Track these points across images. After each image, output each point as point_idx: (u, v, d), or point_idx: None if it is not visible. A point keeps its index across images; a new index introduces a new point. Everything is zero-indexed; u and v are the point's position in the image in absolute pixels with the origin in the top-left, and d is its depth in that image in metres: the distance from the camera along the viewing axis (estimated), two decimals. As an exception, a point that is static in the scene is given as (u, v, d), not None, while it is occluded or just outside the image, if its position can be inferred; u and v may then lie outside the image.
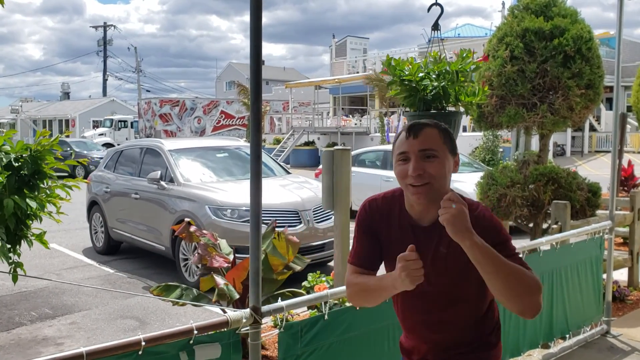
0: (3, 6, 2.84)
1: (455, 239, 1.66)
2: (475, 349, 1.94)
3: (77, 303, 6.52)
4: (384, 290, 1.83)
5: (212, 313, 5.71)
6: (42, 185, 3.00)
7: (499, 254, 1.68)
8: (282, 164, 9.70)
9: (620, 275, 6.19)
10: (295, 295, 4.08)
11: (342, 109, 35.44)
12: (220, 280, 4.14)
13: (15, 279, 3.01)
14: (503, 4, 33.44)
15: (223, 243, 4.71)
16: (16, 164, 2.87)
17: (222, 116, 35.83)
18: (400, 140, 1.87)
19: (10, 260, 3.03)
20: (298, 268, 4.50)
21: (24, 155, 2.90)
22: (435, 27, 3.19)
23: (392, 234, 1.90)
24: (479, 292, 1.87)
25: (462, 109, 3.00)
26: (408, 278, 1.67)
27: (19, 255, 3.10)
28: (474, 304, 1.92)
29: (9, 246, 2.94)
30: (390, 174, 11.89)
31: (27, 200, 2.85)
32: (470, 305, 1.91)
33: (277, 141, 30.41)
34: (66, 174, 12.94)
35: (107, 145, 33.15)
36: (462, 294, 1.88)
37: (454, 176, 7.24)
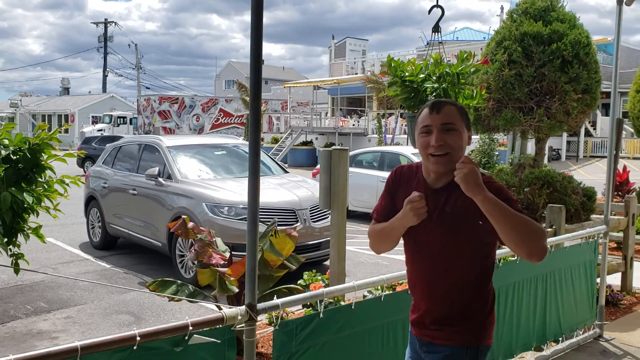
0: (5, 17, 2.86)
1: (469, 195, 1.91)
2: (467, 322, 2.13)
3: (73, 297, 6.53)
4: (394, 228, 2.15)
5: (208, 309, 5.73)
6: (39, 179, 3.01)
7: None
8: (280, 162, 9.72)
9: (614, 280, 6.22)
10: (291, 291, 4.11)
11: (341, 109, 35.46)
12: (222, 270, 4.15)
13: (17, 270, 3.03)
14: (502, 7, 33.51)
15: (219, 241, 4.72)
16: (14, 157, 2.88)
17: (220, 114, 35.82)
18: (424, 115, 2.10)
19: (11, 253, 3.04)
20: (293, 267, 4.52)
21: (22, 148, 2.91)
22: (436, 29, 3.21)
23: (410, 193, 2.13)
24: (475, 252, 2.10)
25: None
26: (413, 213, 2.04)
27: (18, 246, 3.12)
28: (469, 263, 2.11)
29: (5, 239, 2.95)
30: (387, 174, 11.90)
31: (24, 193, 2.86)
32: (465, 263, 2.11)
33: (275, 140, 30.41)
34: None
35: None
36: (460, 250, 2.10)
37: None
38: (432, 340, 2.18)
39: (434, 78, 2.96)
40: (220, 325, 2.45)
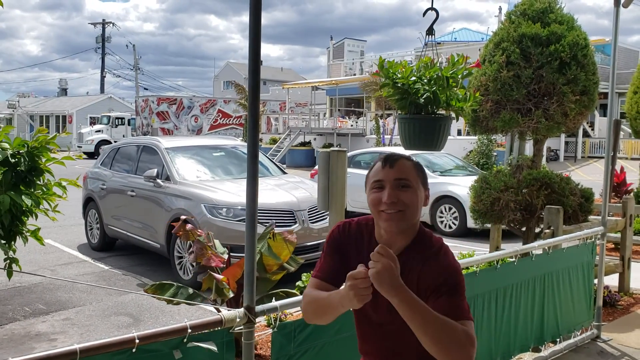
0: (2, 6, 2.85)
1: (384, 295, 1.65)
2: None
3: (71, 299, 6.53)
4: (331, 306, 1.82)
5: (206, 312, 5.73)
6: (38, 182, 3.01)
7: (441, 298, 1.73)
8: (278, 163, 9.73)
9: (612, 281, 6.24)
10: (288, 295, 4.11)
11: (339, 110, 35.48)
12: (218, 277, 4.17)
13: (10, 274, 3.03)
14: (500, 8, 33.56)
15: (217, 243, 4.73)
16: (13, 160, 2.88)
17: (219, 115, 35.80)
18: (376, 170, 1.91)
19: (6, 256, 3.04)
20: (292, 269, 4.52)
21: (20, 151, 2.92)
22: (430, 31, 3.20)
23: (360, 260, 1.83)
24: None
25: (452, 114, 3.03)
26: (355, 296, 1.66)
27: (14, 251, 3.12)
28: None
29: (3, 242, 2.95)
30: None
31: (23, 196, 2.86)
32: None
33: (274, 141, 30.41)
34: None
35: (104, 142, 33.13)
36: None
37: (448, 179, 7.39)
38: None
39: (425, 81, 2.96)
40: (219, 328, 2.45)
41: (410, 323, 1.67)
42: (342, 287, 1.74)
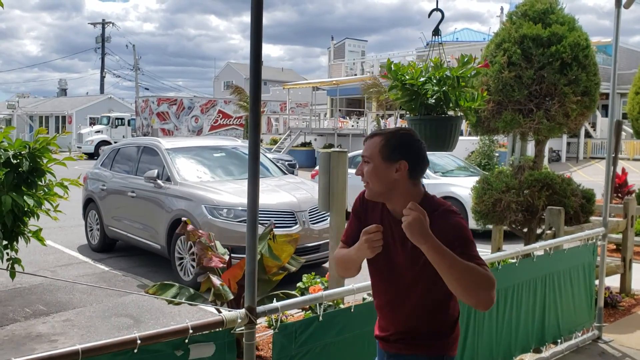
0: (2, 6, 2.85)
1: (414, 242, 1.91)
2: (432, 336, 2.17)
3: (72, 300, 6.53)
4: (352, 259, 2.18)
5: (207, 313, 5.72)
6: (40, 182, 3.01)
7: (456, 251, 1.92)
8: (278, 165, 9.72)
9: (613, 282, 6.23)
10: (289, 296, 4.11)
11: (339, 110, 35.47)
12: (216, 281, 4.16)
13: (13, 275, 3.03)
14: (502, 9, 33.56)
15: (217, 244, 4.73)
16: (14, 161, 2.88)
17: (219, 116, 35.80)
18: None
19: (8, 257, 3.04)
20: (293, 269, 4.52)
21: (22, 152, 2.91)
22: (436, 32, 3.21)
23: (375, 221, 2.17)
24: (440, 283, 2.04)
25: (460, 114, 3.03)
26: (367, 245, 2.04)
27: (16, 251, 3.12)
28: (435, 289, 2.11)
29: (5, 242, 2.95)
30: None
31: (25, 197, 2.86)
32: (430, 289, 2.12)
33: (274, 141, 30.41)
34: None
35: (104, 143, 33.13)
36: (425, 278, 2.09)
37: (450, 180, 7.36)
38: (399, 352, 2.23)
39: (434, 81, 2.96)
40: (220, 329, 2.45)
41: (439, 268, 1.90)
42: (357, 242, 2.09)
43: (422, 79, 2.96)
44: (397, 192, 2.10)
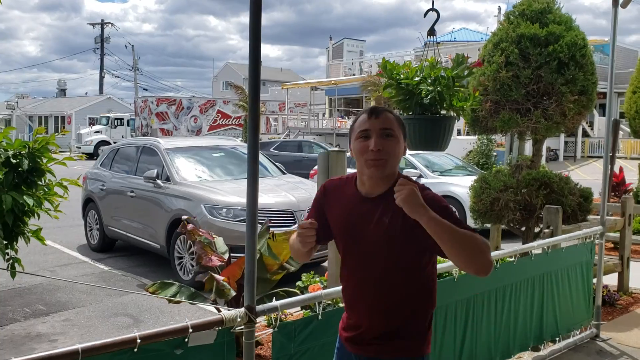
0: (1, 3, 2.86)
1: (412, 216, 1.85)
2: (412, 335, 2.07)
3: (71, 300, 6.54)
4: (297, 248, 2.15)
5: (207, 312, 5.74)
6: (39, 182, 3.02)
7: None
8: (277, 164, 9.74)
9: (610, 280, 6.25)
10: (289, 294, 4.12)
11: (338, 110, 35.49)
12: (219, 277, 4.18)
13: (13, 274, 3.04)
14: (499, 8, 33.56)
15: (219, 242, 4.74)
16: (14, 161, 2.89)
17: (218, 116, 35.79)
18: (362, 120, 2.07)
19: (8, 257, 3.05)
20: (292, 269, 4.53)
21: (22, 152, 2.93)
22: (431, 32, 3.23)
23: (341, 206, 2.12)
24: (417, 264, 2.04)
25: (453, 114, 3.05)
26: (301, 242, 2.06)
27: (16, 251, 3.13)
28: (408, 275, 2.05)
29: (5, 242, 2.96)
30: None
31: (25, 197, 2.87)
32: (403, 276, 2.04)
33: (273, 141, 30.39)
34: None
35: (103, 143, 33.12)
36: (398, 262, 2.03)
37: (448, 179, 7.44)
38: (377, 355, 2.09)
39: (429, 81, 2.98)
40: (220, 327, 2.47)
41: (440, 238, 1.85)
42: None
43: (417, 79, 2.98)
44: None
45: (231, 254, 4.78)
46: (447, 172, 11.76)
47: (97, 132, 37.45)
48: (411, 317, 2.07)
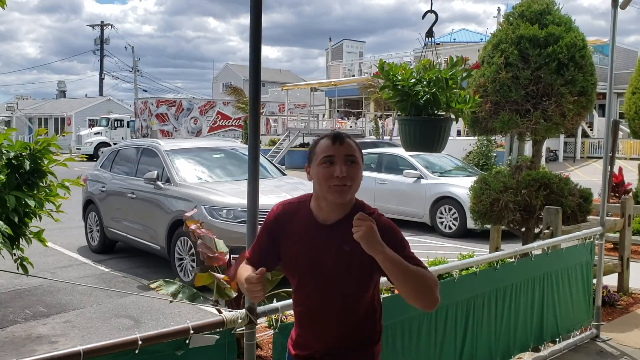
0: (4, 7, 2.87)
1: (369, 252, 1.85)
2: (359, 345, 2.12)
3: (72, 301, 6.55)
4: (244, 287, 2.03)
5: (207, 313, 5.75)
6: (41, 183, 3.03)
7: (399, 254, 1.89)
8: (277, 165, 9.75)
9: (610, 281, 6.26)
10: (289, 295, 4.13)
11: (338, 111, 35.54)
12: (219, 276, 4.18)
13: (26, 271, 3.06)
14: (499, 9, 33.59)
15: (220, 243, 4.75)
16: (15, 162, 2.90)
17: (218, 117, 35.80)
18: (326, 146, 2.05)
19: (16, 257, 3.07)
20: (292, 269, 4.53)
21: (23, 153, 2.94)
22: (429, 34, 3.24)
23: (296, 233, 2.10)
24: (369, 287, 2.08)
25: (452, 116, 3.05)
26: (250, 297, 2.01)
27: (22, 250, 3.15)
28: (363, 300, 2.08)
29: (8, 241, 2.97)
30: (385, 176, 11.95)
31: (26, 198, 2.88)
32: (359, 301, 2.08)
33: (273, 142, 30.43)
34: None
35: (103, 144, 33.13)
36: (356, 289, 2.07)
37: (448, 180, 7.45)
38: None
39: (424, 82, 2.99)
40: (221, 329, 2.47)
41: (391, 275, 1.87)
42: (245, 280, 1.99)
43: (412, 80, 2.98)
44: None
45: (232, 256, 4.79)
46: (447, 173, 11.77)
47: (97, 133, 37.46)
48: (364, 339, 2.13)
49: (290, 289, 4.57)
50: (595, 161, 27.00)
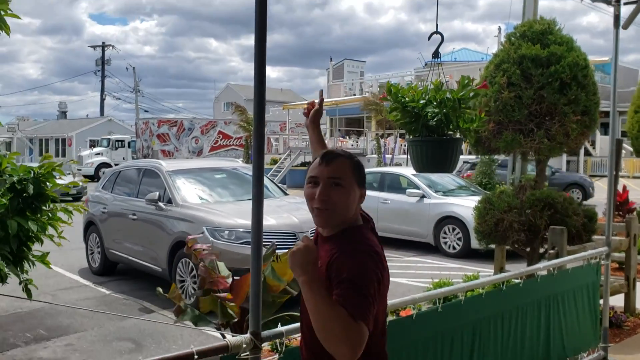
0: (8, 34, 2.88)
1: (293, 274, 1.78)
2: None
3: (73, 324, 6.48)
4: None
5: (209, 336, 5.68)
6: (44, 207, 3.01)
7: (338, 293, 1.72)
8: (279, 184, 9.73)
9: (617, 301, 6.19)
10: (293, 319, 4.07)
11: (339, 130, 35.61)
12: (223, 295, 4.13)
13: (29, 295, 3.03)
14: (499, 29, 33.82)
15: (221, 266, 4.70)
16: (19, 187, 2.88)
17: (219, 136, 35.92)
18: (314, 165, 1.99)
19: (20, 280, 3.05)
20: (295, 292, 4.48)
21: (27, 177, 2.92)
22: (436, 55, 3.24)
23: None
24: None
25: (460, 135, 3.05)
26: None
27: (26, 272, 3.13)
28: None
29: (13, 266, 2.95)
30: (388, 195, 11.92)
31: (29, 222, 2.86)
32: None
33: (274, 161, 30.47)
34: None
35: (104, 165, 33.18)
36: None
37: (451, 199, 7.39)
38: None
39: (435, 103, 2.98)
40: (225, 354, 2.43)
41: (307, 305, 1.74)
42: None
43: (422, 101, 2.98)
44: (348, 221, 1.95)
45: (234, 277, 4.74)
46: (449, 192, 11.73)
47: (97, 154, 37.53)
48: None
49: (294, 313, 4.52)
50: (599, 179, 26.95)
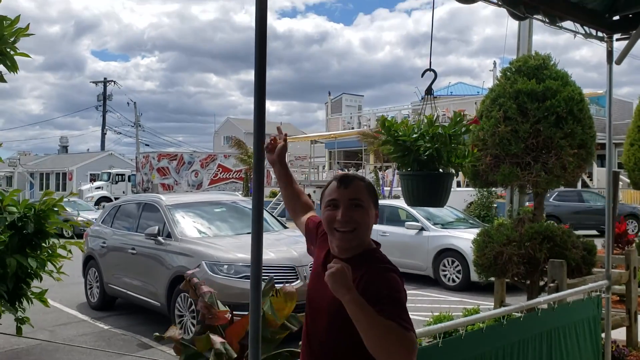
0: (16, 73, 2.93)
1: (336, 295, 1.77)
2: None
3: (70, 361, 6.41)
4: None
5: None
6: (44, 244, 3.02)
7: (377, 304, 1.77)
8: (278, 218, 9.74)
9: (618, 335, 6.14)
10: (293, 355, 4.04)
11: (338, 163, 35.74)
12: (216, 339, 4.09)
13: (19, 333, 3.02)
14: (495, 63, 34.30)
15: (218, 303, 4.67)
16: (19, 224, 2.90)
17: (219, 169, 35.99)
18: (331, 189, 2.08)
19: (15, 317, 3.04)
20: (294, 328, 4.45)
21: (27, 214, 2.94)
22: (429, 91, 3.29)
23: (322, 255, 2.17)
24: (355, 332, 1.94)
25: (452, 170, 3.08)
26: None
27: (23, 310, 3.12)
28: (354, 352, 1.93)
29: (8, 304, 2.94)
30: (387, 228, 11.91)
31: (29, 259, 2.86)
32: (342, 339, 1.96)
33: (274, 194, 30.48)
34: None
35: (104, 198, 33.17)
36: (341, 327, 1.94)
37: (450, 232, 7.40)
38: None
39: (427, 138, 3.02)
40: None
41: (357, 323, 1.74)
42: None
43: (414, 135, 3.02)
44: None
45: (233, 312, 4.71)
46: (448, 225, 11.73)
47: (98, 188, 37.58)
48: None
49: (293, 349, 4.48)
50: (596, 211, 26.93)
